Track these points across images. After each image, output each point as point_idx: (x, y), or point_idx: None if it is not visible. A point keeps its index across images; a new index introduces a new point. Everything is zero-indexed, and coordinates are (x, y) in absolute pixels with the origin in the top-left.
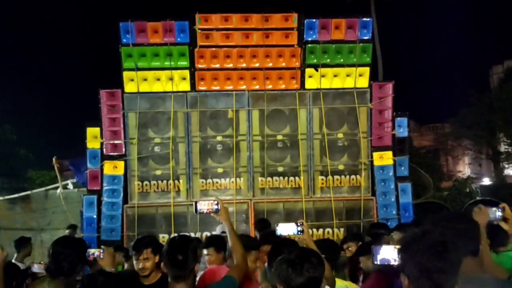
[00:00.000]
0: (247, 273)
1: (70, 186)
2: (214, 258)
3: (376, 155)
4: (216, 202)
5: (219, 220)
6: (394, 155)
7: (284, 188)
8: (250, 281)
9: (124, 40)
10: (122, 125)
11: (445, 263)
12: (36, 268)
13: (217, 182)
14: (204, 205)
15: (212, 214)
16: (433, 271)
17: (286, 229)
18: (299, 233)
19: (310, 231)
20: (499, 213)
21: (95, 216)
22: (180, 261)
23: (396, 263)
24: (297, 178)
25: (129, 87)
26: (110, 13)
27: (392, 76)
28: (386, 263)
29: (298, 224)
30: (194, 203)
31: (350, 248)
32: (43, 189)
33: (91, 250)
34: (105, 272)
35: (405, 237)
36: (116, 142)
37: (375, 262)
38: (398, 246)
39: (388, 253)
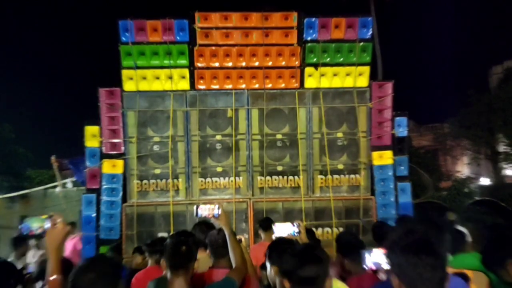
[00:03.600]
0: (246, 276)
1: (69, 185)
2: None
3: (375, 154)
4: (217, 206)
5: (218, 225)
6: (393, 154)
7: (284, 187)
8: (250, 283)
9: (123, 39)
10: (121, 124)
11: (434, 259)
12: (33, 267)
13: (216, 181)
14: (205, 210)
15: (212, 219)
16: (422, 266)
17: (282, 229)
18: (295, 233)
19: None
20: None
21: (94, 215)
22: (183, 252)
23: (387, 265)
24: (296, 177)
25: (128, 86)
26: (109, 11)
27: (392, 75)
28: (378, 266)
29: (295, 224)
30: (195, 207)
31: None
32: (42, 187)
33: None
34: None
35: (391, 238)
36: (115, 140)
37: (368, 265)
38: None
39: (379, 256)
